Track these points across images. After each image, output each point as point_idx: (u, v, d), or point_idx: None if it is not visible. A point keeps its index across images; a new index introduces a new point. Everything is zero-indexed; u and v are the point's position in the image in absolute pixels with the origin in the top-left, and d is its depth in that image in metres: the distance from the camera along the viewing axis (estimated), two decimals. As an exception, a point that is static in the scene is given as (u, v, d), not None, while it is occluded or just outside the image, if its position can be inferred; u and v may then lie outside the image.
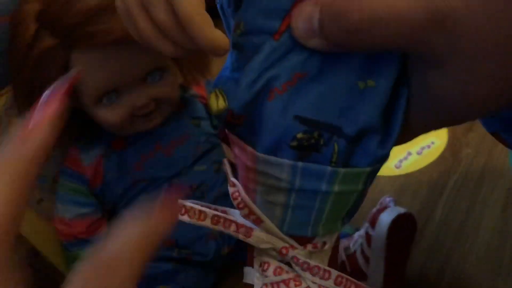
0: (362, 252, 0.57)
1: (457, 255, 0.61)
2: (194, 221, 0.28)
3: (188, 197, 0.30)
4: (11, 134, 0.20)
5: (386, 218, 0.55)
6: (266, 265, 0.29)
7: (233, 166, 0.29)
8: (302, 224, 0.27)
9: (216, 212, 0.28)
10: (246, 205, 0.27)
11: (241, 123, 0.25)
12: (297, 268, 0.28)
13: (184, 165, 0.63)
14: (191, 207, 0.28)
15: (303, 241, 0.28)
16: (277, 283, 0.29)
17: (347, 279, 0.29)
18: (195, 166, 0.64)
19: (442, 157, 0.73)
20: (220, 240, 0.64)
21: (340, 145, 0.24)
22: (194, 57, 0.62)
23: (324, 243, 0.29)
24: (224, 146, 0.70)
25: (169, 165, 0.63)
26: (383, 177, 0.73)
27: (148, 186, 0.63)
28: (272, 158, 0.25)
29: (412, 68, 0.24)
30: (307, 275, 0.28)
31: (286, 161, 0.25)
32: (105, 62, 0.53)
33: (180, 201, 0.28)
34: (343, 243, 0.60)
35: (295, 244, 0.28)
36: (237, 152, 0.27)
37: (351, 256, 0.59)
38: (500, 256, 0.59)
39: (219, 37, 0.33)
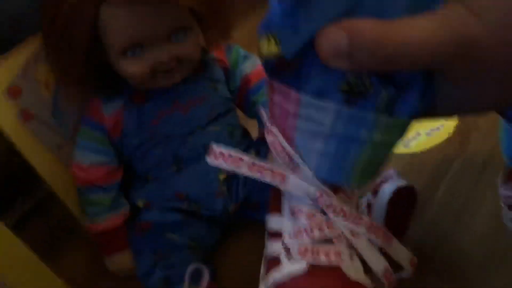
0: (362, 219, 0.60)
1: (454, 233, 0.63)
2: (231, 166, 0.29)
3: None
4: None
5: (387, 189, 0.57)
6: (298, 211, 0.31)
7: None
8: (339, 173, 0.28)
9: (252, 160, 0.29)
10: (283, 150, 0.28)
11: (290, 69, 0.26)
12: (330, 213, 0.30)
13: (198, 124, 0.66)
14: (227, 152, 0.29)
15: (336, 189, 0.30)
16: (311, 228, 0.30)
17: (376, 226, 0.31)
18: (209, 126, 0.67)
19: (449, 139, 0.75)
20: (228, 197, 0.67)
21: (390, 92, 0.25)
22: (216, 20, 0.64)
23: (353, 193, 0.31)
24: (238, 111, 0.73)
25: (184, 123, 0.66)
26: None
27: (162, 141, 0.66)
28: (318, 102, 0.26)
29: (439, 87, 0.26)
30: (340, 220, 0.30)
31: (332, 105, 0.25)
32: (132, 17, 0.56)
33: (216, 146, 0.30)
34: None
35: (329, 191, 0.29)
36: (277, 100, 0.28)
37: (351, 223, 0.61)
38: (496, 238, 0.61)
39: None
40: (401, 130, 0.27)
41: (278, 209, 0.33)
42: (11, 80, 0.63)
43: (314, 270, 0.30)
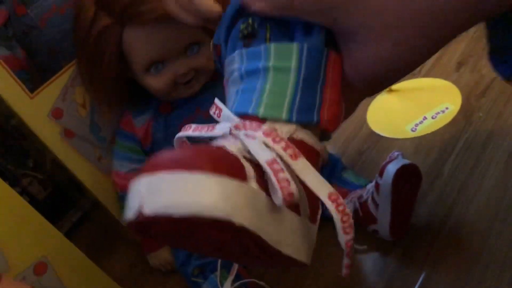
0: (373, 198, 0.65)
1: (460, 205, 0.68)
2: (182, 133, 0.36)
3: None
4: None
5: (392, 168, 0.63)
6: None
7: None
8: (246, 102, 0.32)
9: (196, 125, 0.35)
10: (215, 105, 0.35)
11: (219, 53, 0.36)
12: (237, 132, 0.31)
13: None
14: (186, 126, 0.36)
15: (252, 121, 0.31)
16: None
17: (276, 133, 0.30)
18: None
19: (454, 120, 0.80)
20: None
21: (271, 25, 0.33)
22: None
23: (275, 130, 0.30)
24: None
25: (207, 127, 0.73)
26: (398, 139, 0.80)
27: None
28: (230, 56, 0.34)
29: (338, 40, 0.32)
30: (241, 132, 0.31)
31: (236, 52, 0.33)
32: (151, 36, 0.64)
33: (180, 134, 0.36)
34: (357, 193, 0.69)
35: (239, 120, 0.32)
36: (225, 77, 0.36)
37: (363, 203, 0.67)
38: (498, 206, 0.66)
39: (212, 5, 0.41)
40: (297, 55, 0.31)
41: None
42: (53, 103, 0.72)
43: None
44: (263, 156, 0.29)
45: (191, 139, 0.36)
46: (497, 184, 0.68)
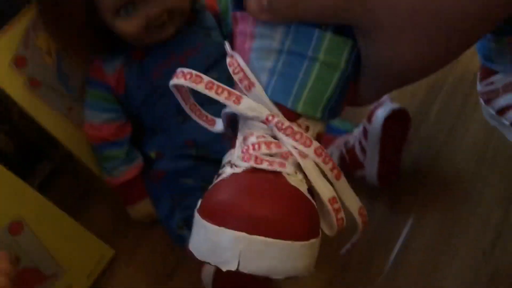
0: (360, 144, 0.64)
1: (448, 148, 0.67)
2: (189, 82, 0.31)
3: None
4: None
5: (381, 113, 0.61)
6: (249, 135, 0.31)
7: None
8: (285, 92, 0.30)
9: (211, 79, 0.31)
10: (241, 69, 0.31)
11: None
12: (280, 134, 0.30)
13: (197, 73, 0.69)
14: (189, 72, 0.31)
15: (287, 115, 0.30)
16: (258, 144, 0.30)
17: (327, 154, 0.30)
18: (207, 73, 0.69)
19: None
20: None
21: None
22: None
23: (307, 128, 0.30)
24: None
25: (184, 72, 0.69)
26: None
27: (165, 93, 0.69)
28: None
29: (358, 42, 0.29)
30: (289, 140, 0.29)
31: None
32: None
33: (179, 68, 0.32)
34: (344, 138, 0.67)
35: (280, 113, 0.30)
36: (239, 29, 0.32)
37: (350, 149, 0.65)
38: (485, 148, 0.65)
39: None
40: (349, 54, 0.29)
41: (234, 144, 0.33)
42: (15, 51, 0.66)
43: (254, 171, 0.30)
44: (326, 193, 0.30)
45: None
46: (484, 125, 0.67)
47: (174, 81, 0.33)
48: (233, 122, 0.34)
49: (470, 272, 0.57)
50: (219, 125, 0.37)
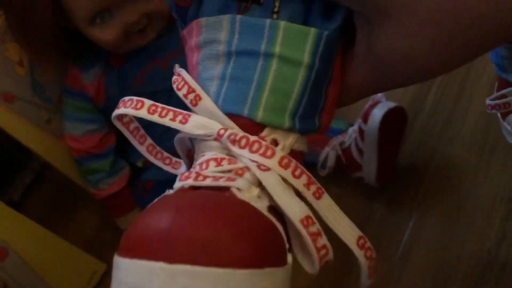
0: (356, 145, 0.61)
1: (445, 140, 0.66)
2: (130, 110, 0.26)
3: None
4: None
5: (377, 113, 0.58)
6: (201, 157, 0.25)
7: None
8: (239, 99, 0.24)
9: (154, 102, 0.26)
10: (185, 82, 0.26)
11: (190, 3, 0.25)
12: (234, 148, 0.24)
13: (181, 77, 0.65)
14: (130, 98, 0.26)
15: (247, 128, 0.24)
16: (207, 161, 0.24)
17: (298, 166, 0.24)
18: (192, 76, 0.66)
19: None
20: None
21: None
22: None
23: (275, 142, 0.24)
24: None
25: (167, 77, 0.65)
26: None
27: (149, 99, 0.66)
28: (214, 17, 0.24)
29: (358, 28, 0.25)
30: (245, 152, 0.24)
31: (225, 16, 0.24)
32: None
33: (122, 98, 0.27)
34: (339, 138, 0.64)
35: (235, 126, 0.24)
36: (188, 43, 0.26)
37: (346, 150, 0.63)
38: (484, 138, 0.63)
39: None
40: (313, 46, 0.24)
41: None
42: (-17, 66, 0.61)
43: (190, 189, 0.24)
44: (296, 212, 0.23)
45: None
46: (482, 113, 0.65)
47: (115, 112, 0.27)
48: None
49: (477, 271, 0.55)
50: (184, 167, 0.31)
